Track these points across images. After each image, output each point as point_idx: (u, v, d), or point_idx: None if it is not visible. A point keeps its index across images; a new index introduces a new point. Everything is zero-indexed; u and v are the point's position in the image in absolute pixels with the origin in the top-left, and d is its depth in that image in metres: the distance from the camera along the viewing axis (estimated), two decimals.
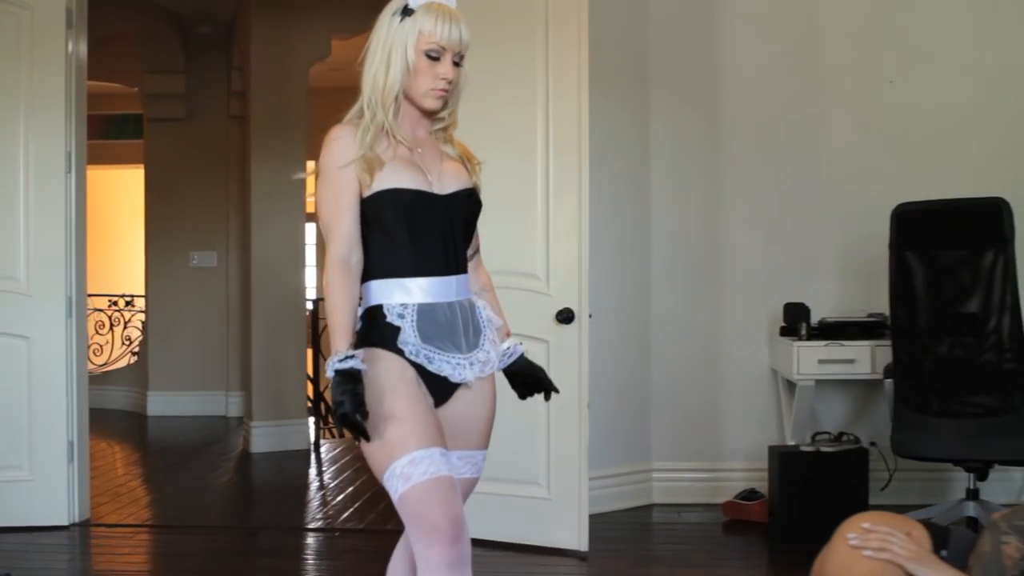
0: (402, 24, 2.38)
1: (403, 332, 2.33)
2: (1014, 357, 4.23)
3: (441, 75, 2.40)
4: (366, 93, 2.42)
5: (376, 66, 2.41)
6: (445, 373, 2.37)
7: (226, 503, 5.81)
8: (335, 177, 2.35)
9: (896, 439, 4.45)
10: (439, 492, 2.21)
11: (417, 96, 2.42)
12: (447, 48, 2.39)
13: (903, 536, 2.10)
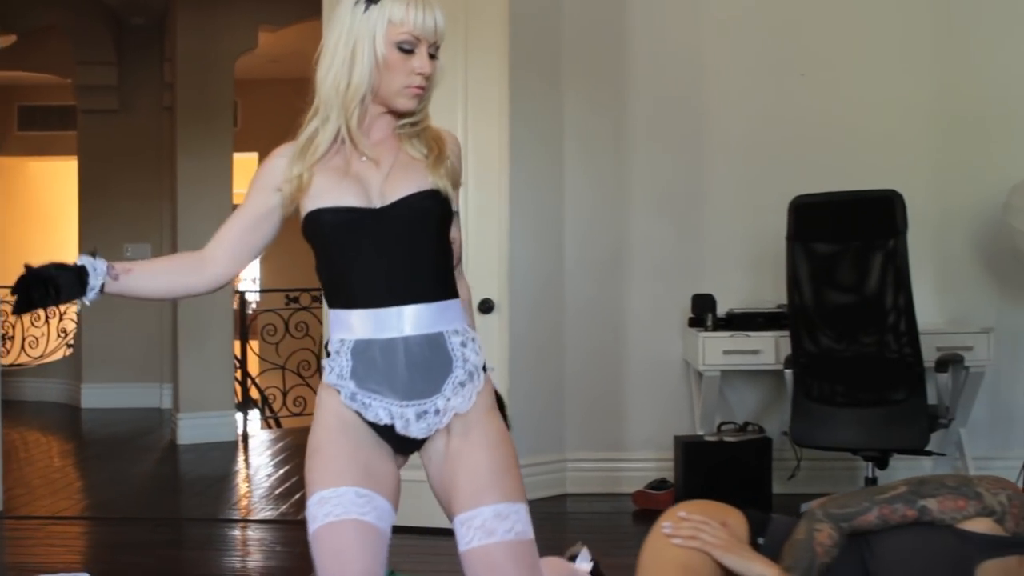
0: (367, 13, 2.08)
1: (337, 372, 2.09)
2: (908, 347, 4.28)
3: (417, 69, 2.09)
4: (322, 96, 2.12)
5: (336, 65, 2.10)
6: (385, 422, 2.08)
7: (140, 495, 5.79)
8: (248, 192, 2.20)
9: (795, 428, 4.51)
10: (333, 539, 2.00)
11: (389, 96, 2.11)
12: (421, 38, 2.09)
13: (716, 525, 2.13)
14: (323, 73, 2.12)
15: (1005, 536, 2.15)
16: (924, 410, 4.29)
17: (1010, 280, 5.31)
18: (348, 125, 2.11)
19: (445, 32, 2.13)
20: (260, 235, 2.22)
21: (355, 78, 2.08)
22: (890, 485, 2.27)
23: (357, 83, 2.08)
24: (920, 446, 4.35)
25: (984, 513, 2.16)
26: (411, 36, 2.07)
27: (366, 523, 2.01)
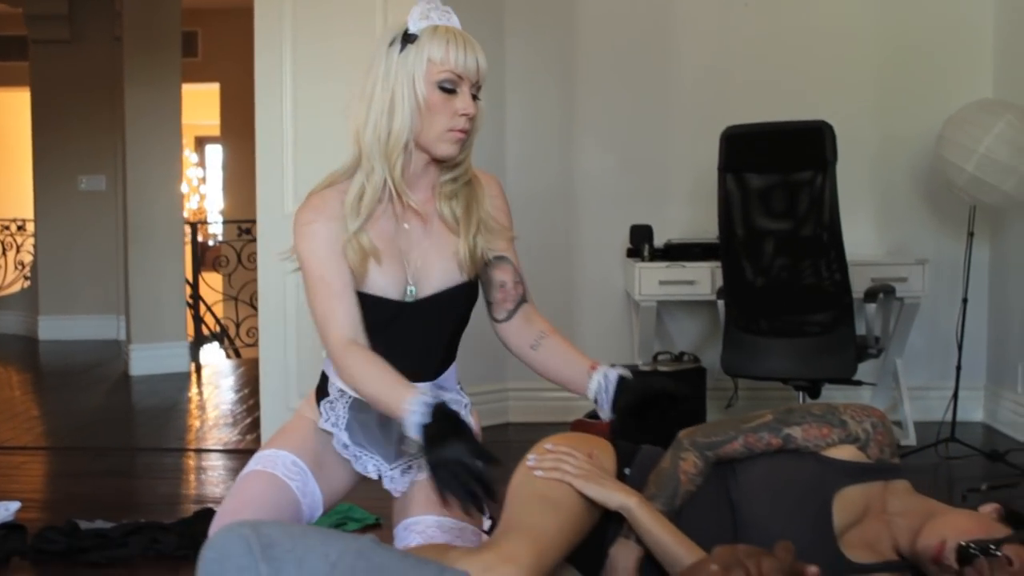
0: (404, 54, 1.99)
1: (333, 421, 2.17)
2: (836, 277, 4.30)
3: (460, 110, 2.00)
4: (364, 147, 2.02)
5: (375, 112, 2.01)
6: (373, 476, 2.20)
7: (87, 425, 5.81)
8: (321, 267, 2.01)
9: (725, 358, 4.55)
10: (250, 484, 2.09)
11: (430, 141, 2.02)
12: (464, 77, 2.00)
13: (581, 456, 2.14)
14: (361, 122, 2.03)
15: (868, 463, 2.18)
16: (852, 340, 4.33)
17: (945, 212, 5.33)
18: (393, 176, 2.02)
19: (486, 71, 2.04)
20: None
21: (396, 125, 2.00)
22: (758, 414, 2.30)
23: (399, 130, 2.00)
24: (848, 375, 4.39)
25: (848, 440, 2.19)
26: (453, 75, 1.99)
27: (287, 486, 2.09)
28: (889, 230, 5.50)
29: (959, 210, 5.03)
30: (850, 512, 2.13)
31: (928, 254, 5.26)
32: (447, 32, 2.00)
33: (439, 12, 2.04)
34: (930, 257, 5.23)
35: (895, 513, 2.17)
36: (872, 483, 2.17)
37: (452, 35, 2.00)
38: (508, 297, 2.21)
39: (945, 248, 5.32)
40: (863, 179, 5.48)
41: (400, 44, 2.00)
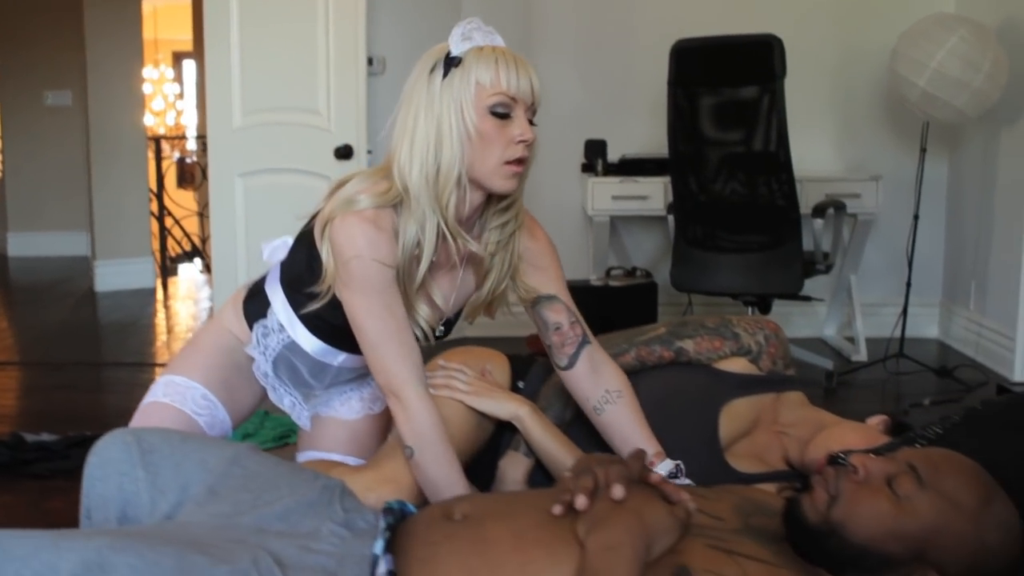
0: (448, 80, 1.80)
1: (261, 350, 2.10)
2: (784, 193, 4.29)
3: (517, 136, 1.79)
4: (412, 189, 1.82)
5: (420, 148, 1.80)
6: (286, 408, 2.16)
7: (48, 340, 5.84)
8: (383, 304, 1.84)
9: (675, 273, 4.56)
10: (155, 419, 2.06)
11: (484, 175, 1.81)
12: (518, 99, 1.80)
13: (471, 372, 2.15)
14: (405, 161, 1.82)
15: (759, 375, 2.20)
16: (799, 255, 4.33)
17: (902, 129, 5.30)
18: (446, 220, 1.83)
19: (539, 92, 1.84)
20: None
21: (445, 160, 1.79)
22: (652, 327, 2.31)
23: (448, 167, 1.79)
24: (794, 290, 4.40)
25: (740, 353, 2.20)
26: (506, 97, 1.79)
27: (194, 422, 2.08)
28: (847, 146, 5.47)
29: (916, 127, 5.00)
30: (738, 424, 2.15)
31: (886, 171, 5.25)
32: (494, 52, 1.81)
33: (482, 32, 1.85)
34: (888, 174, 5.22)
35: (786, 424, 2.19)
36: (763, 395, 2.18)
37: (500, 54, 1.81)
38: (566, 340, 2.03)
39: (903, 165, 5.29)
40: (822, 95, 5.44)
41: (442, 69, 1.81)
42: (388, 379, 1.84)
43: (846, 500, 1.43)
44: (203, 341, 2.19)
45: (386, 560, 1.40)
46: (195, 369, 2.12)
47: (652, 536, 1.37)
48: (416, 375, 1.84)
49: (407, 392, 1.83)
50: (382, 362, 1.84)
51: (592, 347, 2.05)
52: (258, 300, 2.13)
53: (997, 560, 1.42)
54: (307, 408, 2.20)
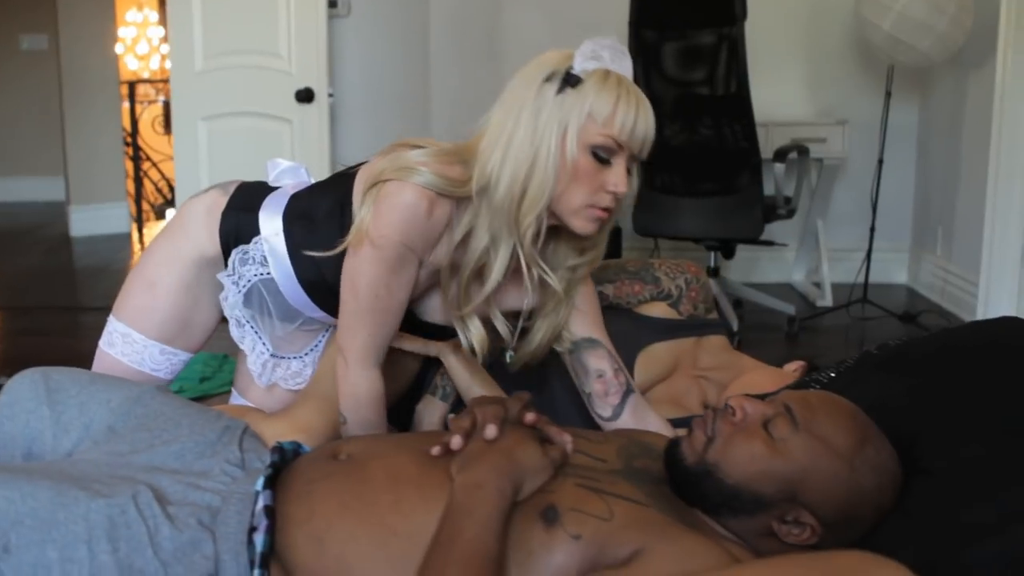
0: (561, 97, 1.64)
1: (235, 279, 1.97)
2: (745, 137, 4.27)
3: (609, 186, 1.65)
4: (494, 203, 1.68)
5: (513, 162, 1.66)
6: (245, 349, 2.04)
7: (18, 285, 5.84)
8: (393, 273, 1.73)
9: (636, 217, 4.55)
10: (107, 368, 2.04)
11: (566, 211, 1.67)
12: (625, 146, 1.64)
13: None
14: (495, 168, 1.67)
15: (678, 319, 2.20)
16: (759, 200, 4.32)
17: (872, 73, 5.26)
18: (523, 247, 1.69)
19: (651, 144, 1.69)
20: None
21: (534, 186, 1.64)
22: None
23: (536, 193, 1.64)
24: (755, 235, 4.40)
25: (660, 297, 2.20)
26: (613, 142, 1.63)
27: (154, 377, 2.04)
28: (817, 92, 5.44)
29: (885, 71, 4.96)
30: (655, 368, 2.15)
31: (855, 116, 5.23)
32: (619, 85, 1.65)
33: (613, 52, 1.70)
34: (857, 119, 5.20)
35: (706, 369, 2.20)
36: (682, 339, 2.19)
37: (624, 90, 1.65)
38: (610, 389, 1.89)
39: (873, 110, 5.25)
40: (791, 39, 5.40)
41: (559, 83, 1.66)
42: (349, 344, 1.78)
43: (722, 441, 1.45)
44: (161, 285, 2.02)
45: (264, 496, 1.42)
46: (153, 325, 2.03)
47: (521, 475, 1.38)
48: (376, 353, 1.78)
49: (359, 364, 1.78)
50: (354, 327, 1.77)
51: (636, 396, 1.93)
52: (244, 220, 1.96)
53: (871, 501, 1.43)
54: (269, 349, 2.06)
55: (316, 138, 4.46)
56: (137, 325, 2.04)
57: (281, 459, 1.54)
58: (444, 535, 1.29)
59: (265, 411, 2.02)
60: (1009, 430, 1.43)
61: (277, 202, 1.96)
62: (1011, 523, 1.28)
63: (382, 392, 1.80)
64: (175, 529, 1.37)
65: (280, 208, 1.94)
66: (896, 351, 1.71)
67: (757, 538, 1.45)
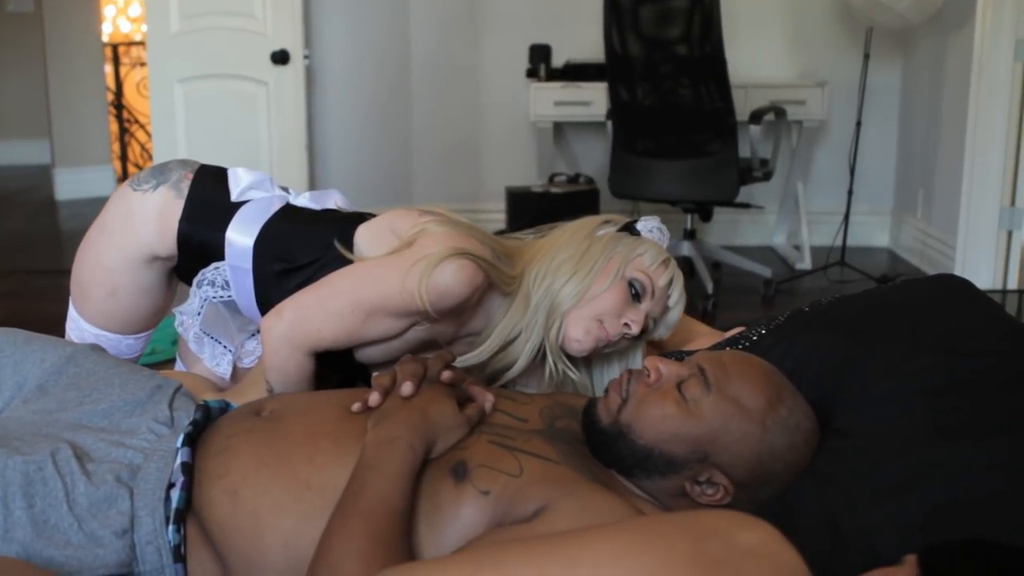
0: (618, 236, 1.79)
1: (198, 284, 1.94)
2: (720, 99, 4.26)
3: (626, 319, 1.73)
4: (536, 298, 1.74)
5: (557, 263, 1.74)
6: (204, 358, 2.04)
7: (2, 248, 5.84)
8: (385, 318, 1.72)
9: (613, 180, 4.55)
10: None
11: (575, 318, 1.73)
12: (656, 296, 1.74)
13: None
14: (540, 272, 1.74)
15: None
16: (735, 162, 4.31)
17: (853, 35, 5.23)
18: (549, 340, 1.75)
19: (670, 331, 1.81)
20: None
21: (567, 288, 1.72)
22: (520, 235, 2.28)
23: (567, 294, 1.72)
24: (729, 198, 4.39)
25: None
26: (650, 284, 1.73)
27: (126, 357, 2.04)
28: (798, 53, 5.42)
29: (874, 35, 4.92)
30: None
31: (837, 78, 5.21)
32: (670, 259, 1.79)
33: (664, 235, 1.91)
34: (840, 81, 5.18)
35: None
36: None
37: (673, 263, 1.78)
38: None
39: (855, 72, 5.23)
40: (772, 0, 5.37)
41: (619, 227, 1.81)
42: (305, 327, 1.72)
43: (635, 403, 1.45)
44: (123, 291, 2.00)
45: (183, 452, 1.43)
46: (124, 325, 2.03)
47: (434, 432, 1.39)
48: (319, 348, 1.74)
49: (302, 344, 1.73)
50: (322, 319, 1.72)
51: None
52: (208, 238, 1.91)
53: (784, 460, 1.43)
54: (232, 352, 2.04)
55: (292, 100, 4.46)
56: (108, 326, 2.03)
57: (206, 417, 1.55)
58: (351, 488, 1.30)
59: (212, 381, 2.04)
60: (926, 390, 1.43)
61: (248, 224, 1.89)
62: (914, 484, 1.29)
63: (313, 372, 1.77)
64: (91, 485, 1.38)
65: (252, 231, 1.88)
66: (827, 308, 1.71)
67: (670, 498, 1.45)
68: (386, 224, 1.83)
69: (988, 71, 4.36)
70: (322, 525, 1.29)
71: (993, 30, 4.32)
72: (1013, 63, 4.36)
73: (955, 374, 1.43)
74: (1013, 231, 4.54)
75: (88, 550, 1.34)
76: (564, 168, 5.38)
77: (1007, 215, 4.52)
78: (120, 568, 1.35)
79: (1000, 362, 1.44)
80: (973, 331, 1.53)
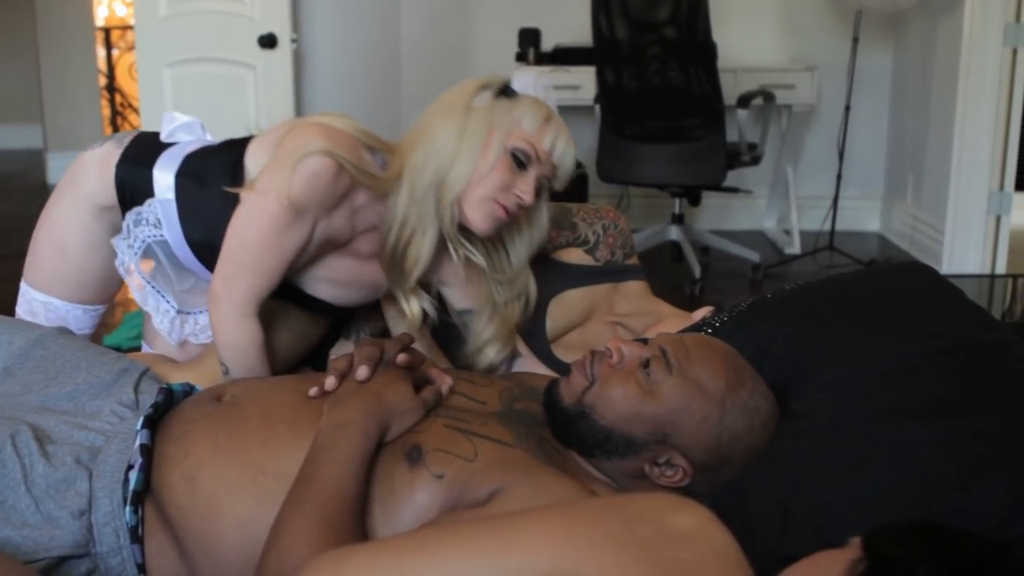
0: (495, 103, 1.74)
1: (134, 231, 1.92)
2: (708, 83, 4.25)
3: (516, 190, 1.73)
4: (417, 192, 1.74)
5: (437, 152, 1.73)
6: (150, 310, 2.01)
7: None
8: (295, 218, 1.72)
9: (600, 164, 4.55)
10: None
11: (470, 202, 1.74)
12: (542, 159, 1.73)
13: None
14: (421, 161, 1.73)
15: (593, 265, 2.19)
16: (722, 147, 4.31)
17: (844, 19, 5.21)
18: (445, 228, 1.77)
19: (568, 176, 1.80)
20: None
21: (452, 176, 1.72)
22: None
23: (454, 179, 1.72)
24: (717, 182, 4.39)
25: (576, 243, 2.19)
26: (533, 151, 1.72)
27: (79, 335, 1.97)
28: (789, 38, 5.41)
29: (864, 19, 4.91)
30: (569, 314, 2.15)
31: (829, 62, 5.19)
32: (549, 112, 1.76)
33: (547, 92, 1.83)
34: (830, 65, 5.16)
35: (622, 315, 2.19)
36: (597, 285, 2.18)
37: (553, 117, 1.76)
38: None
39: (846, 56, 5.22)
40: None
41: (494, 92, 1.76)
42: (227, 293, 1.76)
43: (598, 384, 1.46)
44: (72, 248, 2.01)
45: (142, 435, 1.43)
46: (72, 290, 2.03)
47: (388, 416, 1.39)
48: (255, 303, 1.77)
49: (236, 311, 1.76)
50: (237, 278, 1.76)
51: (522, 360, 2.01)
52: (139, 176, 1.91)
53: (742, 443, 1.43)
54: (174, 306, 2.03)
55: (280, 84, 4.45)
56: (55, 291, 2.02)
57: (169, 401, 1.55)
58: (304, 473, 1.30)
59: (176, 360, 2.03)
60: (881, 372, 1.44)
61: (171, 160, 1.91)
62: (863, 465, 1.29)
63: (263, 339, 1.79)
64: (50, 467, 1.39)
65: (174, 166, 1.89)
66: (790, 295, 1.72)
67: (629, 480, 1.46)
68: (268, 136, 1.85)
69: (977, 55, 4.36)
70: (277, 509, 1.30)
71: (982, 14, 4.31)
72: (1002, 48, 4.35)
73: (910, 357, 1.43)
74: (1001, 216, 4.54)
75: (44, 531, 1.34)
76: None
77: (996, 200, 4.51)
78: (76, 549, 1.35)
79: (955, 344, 1.45)
80: (932, 315, 1.53)
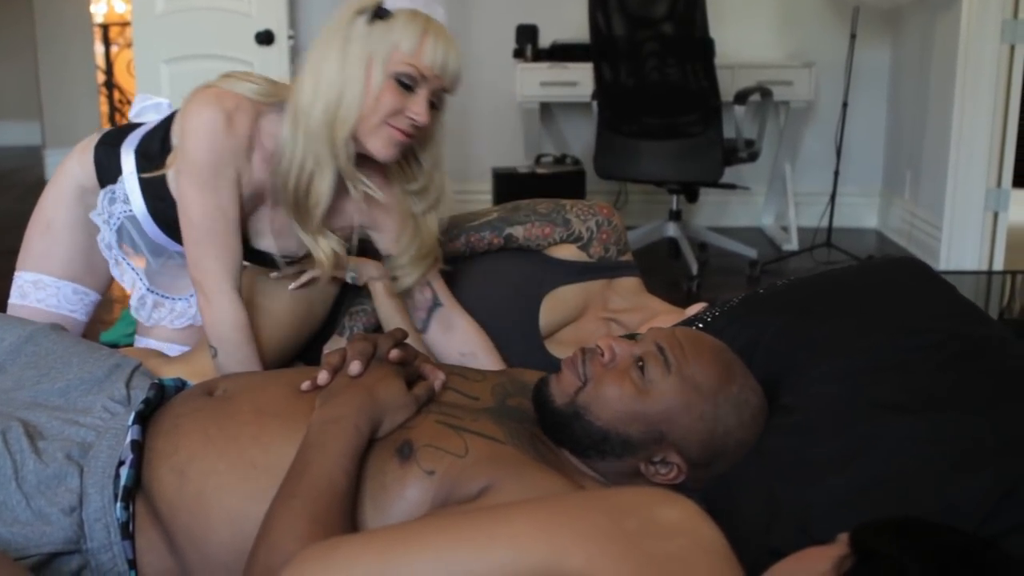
0: (370, 28, 1.72)
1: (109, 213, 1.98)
2: (705, 79, 4.25)
3: (408, 112, 1.74)
4: (311, 130, 1.75)
5: (324, 87, 1.73)
6: (127, 287, 2.06)
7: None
8: (215, 177, 1.76)
9: (597, 160, 4.54)
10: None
11: (366, 133, 1.75)
12: (427, 77, 1.73)
13: None
14: (308, 100, 1.74)
15: (587, 261, 2.18)
16: (719, 143, 4.30)
17: (842, 15, 5.20)
18: (341, 167, 1.78)
19: (458, 81, 1.79)
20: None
21: (342, 112, 1.73)
22: (486, 211, 2.28)
23: (344, 117, 1.73)
24: (714, 179, 4.39)
25: (570, 239, 2.18)
26: (416, 71, 1.72)
27: (70, 319, 2.05)
28: (787, 34, 5.40)
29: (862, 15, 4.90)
30: (562, 311, 2.14)
31: (827, 59, 5.19)
32: (427, 23, 1.73)
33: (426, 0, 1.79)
34: (828, 62, 5.15)
35: (616, 311, 2.18)
36: (591, 282, 2.18)
37: (431, 27, 1.74)
38: (417, 304, 2.04)
39: (844, 52, 5.21)
40: None
41: (369, 16, 1.73)
42: (201, 275, 1.81)
43: (592, 384, 1.44)
44: (57, 223, 2.07)
45: (133, 431, 1.43)
46: (59, 265, 2.06)
47: (380, 412, 1.39)
48: (229, 277, 1.81)
49: (215, 291, 1.80)
50: (201, 257, 1.80)
51: (444, 309, 2.03)
52: (112, 156, 1.97)
53: (734, 438, 1.43)
54: (145, 283, 2.08)
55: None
56: (44, 268, 2.06)
57: (160, 396, 1.55)
58: (295, 468, 1.30)
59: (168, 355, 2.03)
60: (871, 367, 1.43)
61: (133, 139, 1.96)
62: (851, 459, 1.29)
63: (246, 315, 1.82)
64: (41, 463, 1.38)
65: (133, 144, 1.95)
66: (782, 290, 1.71)
67: (623, 479, 1.45)
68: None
69: (975, 52, 4.35)
70: (267, 504, 1.29)
71: (980, 10, 4.30)
72: (1000, 44, 4.34)
73: (900, 352, 1.43)
74: (999, 212, 4.53)
75: (35, 527, 1.34)
76: (551, 149, 5.37)
77: (993, 196, 4.51)
78: (67, 545, 1.35)
79: (945, 339, 1.44)
80: (923, 311, 1.53)
